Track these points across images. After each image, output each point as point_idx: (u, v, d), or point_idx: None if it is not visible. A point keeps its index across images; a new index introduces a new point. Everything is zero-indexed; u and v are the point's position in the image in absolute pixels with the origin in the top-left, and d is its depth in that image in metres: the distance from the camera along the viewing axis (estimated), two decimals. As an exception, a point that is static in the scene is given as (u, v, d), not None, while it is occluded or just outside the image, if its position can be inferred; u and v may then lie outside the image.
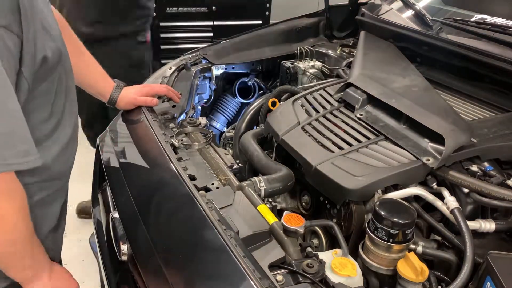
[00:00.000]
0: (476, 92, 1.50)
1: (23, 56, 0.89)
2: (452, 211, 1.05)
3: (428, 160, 1.15)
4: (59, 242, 1.24)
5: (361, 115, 1.38)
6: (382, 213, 0.98)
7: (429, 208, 1.14)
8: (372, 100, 1.41)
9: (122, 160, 1.37)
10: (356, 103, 1.41)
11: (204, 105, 2.01)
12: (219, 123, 2.11)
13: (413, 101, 1.32)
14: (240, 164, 1.40)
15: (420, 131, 1.24)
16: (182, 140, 1.40)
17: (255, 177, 1.23)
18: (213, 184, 1.21)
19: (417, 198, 1.15)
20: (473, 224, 1.07)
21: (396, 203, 1.04)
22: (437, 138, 1.18)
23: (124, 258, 1.17)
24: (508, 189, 1.09)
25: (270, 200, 1.32)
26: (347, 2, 2.25)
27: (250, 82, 2.15)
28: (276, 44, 2.18)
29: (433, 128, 1.19)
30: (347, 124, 1.36)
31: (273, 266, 0.94)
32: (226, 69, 2.03)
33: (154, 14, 3.16)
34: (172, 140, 1.35)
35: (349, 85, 1.48)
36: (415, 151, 1.19)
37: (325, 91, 1.57)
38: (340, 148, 1.25)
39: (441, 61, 1.65)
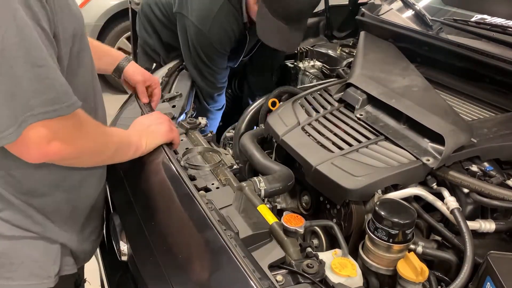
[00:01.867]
0: (476, 92, 1.50)
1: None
2: (452, 211, 1.05)
3: (428, 160, 1.15)
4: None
5: (361, 115, 1.38)
6: (382, 213, 0.98)
7: (429, 208, 1.14)
8: (372, 100, 1.41)
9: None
10: (356, 103, 1.41)
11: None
12: None
13: (413, 101, 1.32)
14: (240, 164, 1.40)
15: (420, 131, 1.24)
16: (188, 159, 1.31)
17: (255, 177, 1.22)
18: (213, 184, 1.21)
19: (417, 198, 1.15)
20: (473, 224, 1.07)
21: (396, 203, 1.04)
22: (437, 138, 1.18)
23: (124, 258, 1.17)
24: (508, 189, 1.09)
25: (270, 200, 1.32)
26: (347, 2, 2.25)
27: None
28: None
29: (433, 128, 1.19)
30: (347, 124, 1.36)
31: (273, 266, 0.94)
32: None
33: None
34: (181, 161, 1.26)
35: (349, 85, 1.48)
36: (415, 151, 1.19)
37: (325, 91, 1.57)
38: (340, 148, 1.25)
39: (441, 61, 1.65)
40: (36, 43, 0.82)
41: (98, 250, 1.52)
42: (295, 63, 2.05)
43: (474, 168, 1.17)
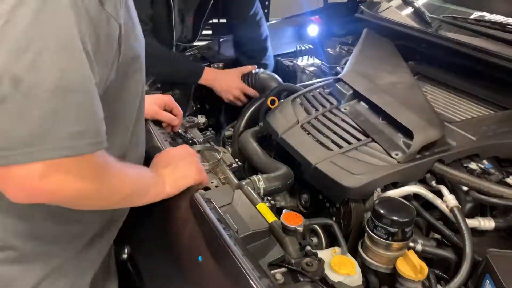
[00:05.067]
0: (475, 89, 1.50)
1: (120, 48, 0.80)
2: (451, 209, 1.05)
3: (397, 154, 1.16)
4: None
5: (345, 109, 1.41)
6: (382, 211, 0.98)
7: (429, 206, 1.14)
8: (357, 96, 1.43)
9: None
10: (342, 98, 1.44)
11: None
12: None
13: (393, 97, 1.35)
14: (239, 163, 1.40)
15: (395, 127, 1.26)
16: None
17: (254, 176, 1.23)
18: (212, 182, 1.21)
19: (416, 196, 1.14)
20: (472, 222, 1.07)
21: (395, 201, 1.04)
22: (409, 133, 1.20)
23: (123, 257, 1.17)
24: (507, 187, 1.10)
25: (269, 198, 1.32)
26: (346, 0, 2.25)
27: None
28: (275, 42, 2.18)
29: (404, 123, 1.22)
30: (347, 123, 1.36)
31: (272, 265, 0.94)
32: (225, 67, 2.03)
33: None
34: None
35: (339, 80, 1.50)
36: (386, 146, 1.20)
37: (324, 89, 1.57)
38: (339, 146, 1.25)
39: (440, 58, 1.65)
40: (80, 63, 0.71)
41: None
42: (294, 61, 2.05)
43: (473, 166, 1.17)
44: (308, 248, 0.99)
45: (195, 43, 2.13)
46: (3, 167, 0.69)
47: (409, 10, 1.89)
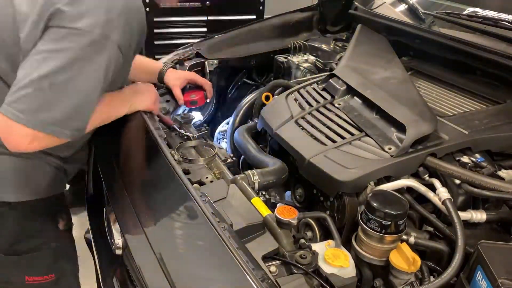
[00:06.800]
0: (468, 84, 1.51)
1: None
2: (443, 202, 1.06)
3: (390, 148, 1.17)
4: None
5: (339, 104, 1.41)
6: (375, 204, 0.99)
7: (422, 199, 1.15)
8: (351, 91, 1.44)
9: (115, 154, 1.37)
10: (336, 93, 1.44)
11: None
12: None
13: (387, 92, 1.36)
14: (234, 158, 1.41)
15: (388, 121, 1.27)
16: (182, 153, 1.32)
17: (248, 171, 1.23)
18: (207, 178, 1.22)
19: (409, 190, 1.15)
20: (465, 215, 1.08)
21: (388, 194, 1.05)
22: (402, 128, 1.21)
23: (119, 252, 1.18)
24: (499, 179, 1.11)
25: (264, 193, 1.33)
26: (340, -3, 2.25)
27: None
28: (270, 39, 2.18)
29: (398, 117, 1.23)
30: (340, 117, 1.36)
31: (266, 258, 0.95)
32: (220, 64, 2.03)
33: (148, 9, 3.16)
34: (175, 154, 1.27)
35: (333, 75, 1.51)
36: (379, 140, 1.21)
37: (318, 85, 1.57)
38: (333, 141, 1.26)
39: (433, 54, 1.66)
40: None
41: (93, 245, 1.52)
42: (289, 57, 2.05)
43: (465, 159, 1.18)
44: (302, 241, 1.00)
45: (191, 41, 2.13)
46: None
47: (403, 6, 1.90)
